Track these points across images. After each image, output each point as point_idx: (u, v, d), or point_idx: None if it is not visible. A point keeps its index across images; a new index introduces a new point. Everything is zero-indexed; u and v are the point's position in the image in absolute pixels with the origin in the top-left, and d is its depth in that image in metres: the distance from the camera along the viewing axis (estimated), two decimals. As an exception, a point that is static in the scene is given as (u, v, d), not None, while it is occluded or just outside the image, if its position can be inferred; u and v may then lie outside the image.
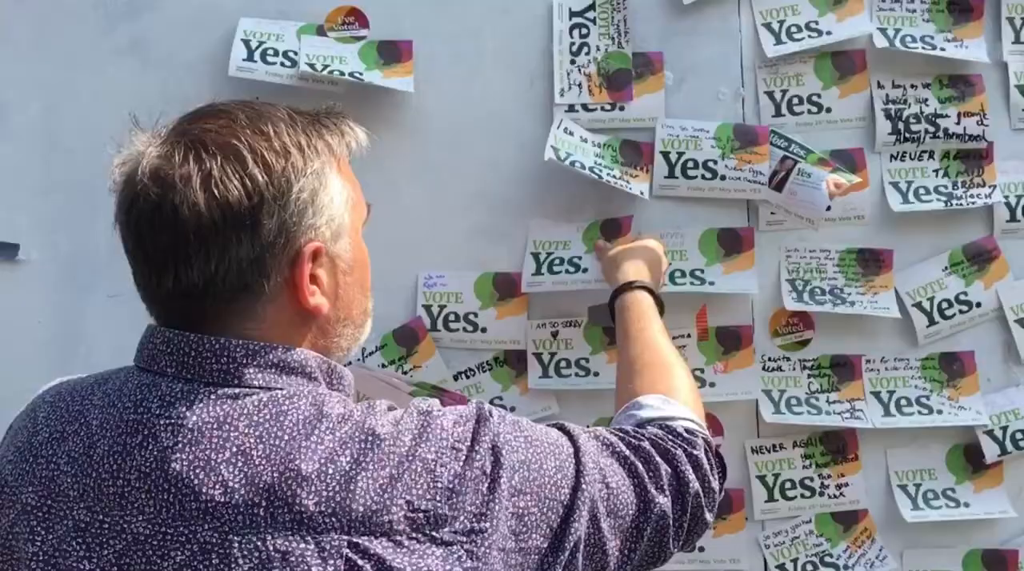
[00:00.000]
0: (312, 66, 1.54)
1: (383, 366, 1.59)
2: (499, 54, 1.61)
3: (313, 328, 0.97)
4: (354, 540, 0.84)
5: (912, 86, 1.61)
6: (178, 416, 0.89)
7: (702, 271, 1.60)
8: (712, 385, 1.60)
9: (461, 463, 0.90)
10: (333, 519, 0.85)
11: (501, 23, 1.61)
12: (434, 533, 0.87)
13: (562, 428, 1.02)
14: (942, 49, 1.60)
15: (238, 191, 0.89)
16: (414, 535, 0.86)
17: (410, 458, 0.88)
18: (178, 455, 0.87)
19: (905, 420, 1.60)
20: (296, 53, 1.56)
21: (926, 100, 1.61)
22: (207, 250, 0.89)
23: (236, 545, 0.84)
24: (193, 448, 0.87)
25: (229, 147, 0.90)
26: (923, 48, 1.60)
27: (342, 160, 1.00)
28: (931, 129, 1.61)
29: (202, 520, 0.86)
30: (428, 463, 0.88)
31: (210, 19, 1.59)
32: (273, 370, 0.92)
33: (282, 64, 1.56)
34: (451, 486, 0.88)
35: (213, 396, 0.90)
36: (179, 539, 0.86)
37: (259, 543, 0.84)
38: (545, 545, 0.92)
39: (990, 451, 1.61)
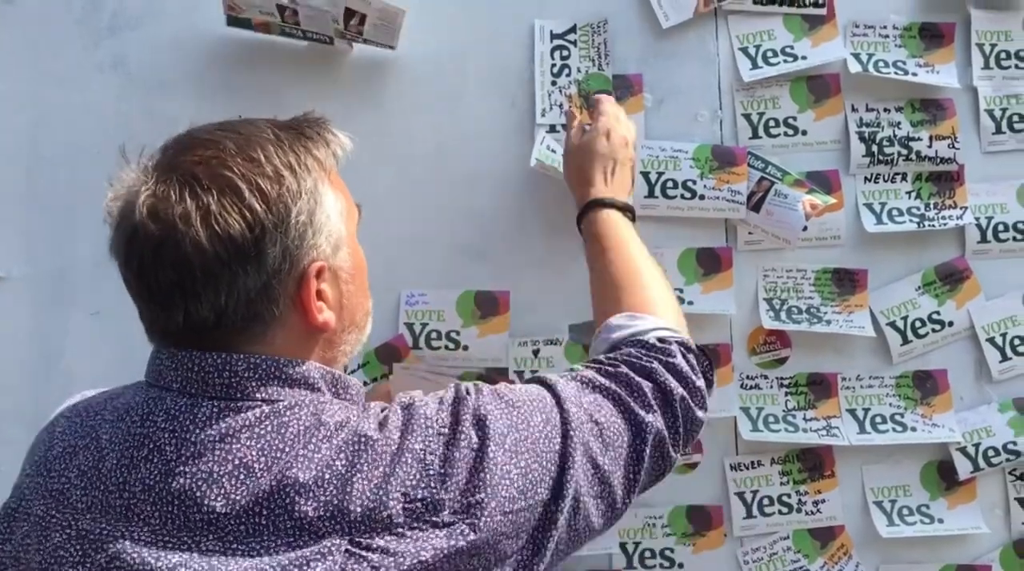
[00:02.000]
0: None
1: (366, 383, 1.60)
2: (481, 75, 1.63)
3: (320, 342, 0.99)
4: (356, 539, 0.87)
5: (885, 110, 1.65)
6: (182, 430, 0.90)
7: (681, 290, 1.62)
8: (691, 403, 1.61)
9: (448, 446, 0.92)
10: (332, 523, 0.87)
11: (484, 45, 1.63)
12: (434, 518, 0.89)
13: (541, 381, 1.04)
14: (914, 74, 1.64)
15: (239, 224, 0.89)
16: (415, 525, 0.88)
17: (400, 452, 0.91)
18: (182, 468, 0.89)
19: (880, 437, 1.62)
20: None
21: (899, 123, 1.65)
22: (215, 285, 0.90)
23: (238, 556, 0.86)
24: (196, 461, 0.89)
25: (223, 179, 0.90)
26: (896, 73, 1.63)
27: (331, 171, 1.01)
28: (904, 152, 1.65)
29: (206, 531, 0.87)
30: (417, 453, 0.91)
31: (192, 39, 1.60)
32: (275, 383, 0.93)
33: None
34: (442, 470, 0.91)
35: (216, 410, 0.91)
36: (181, 548, 0.87)
37: (260, 550, 0.86)
38: (548, 496, 0.95)
39: (963, 468, 1.63)
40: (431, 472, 0.91)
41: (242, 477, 0.88)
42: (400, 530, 0.88)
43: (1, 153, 1.60)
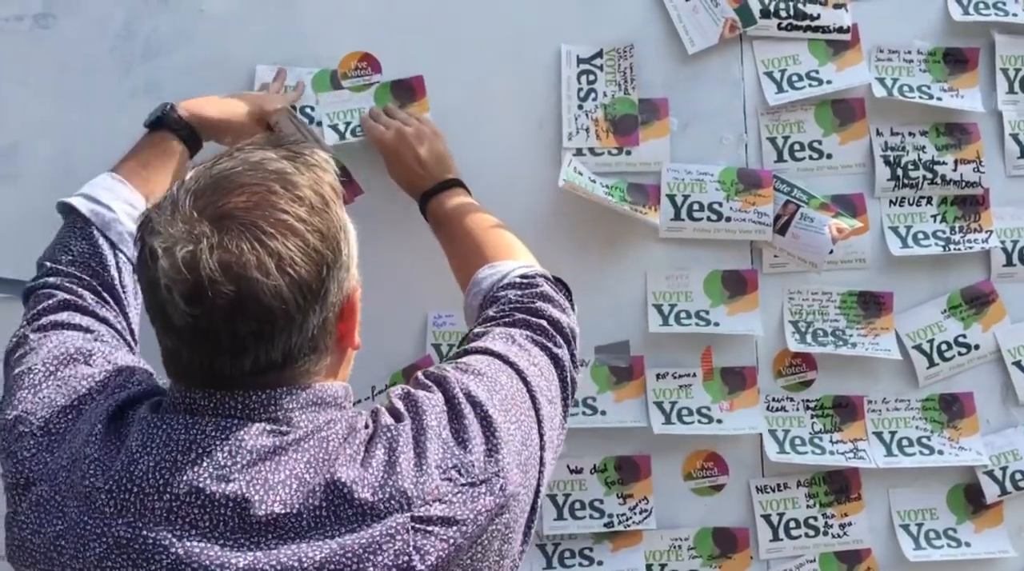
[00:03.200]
0: (335, 128, 1.58)
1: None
2: (508, 99, 1.64)
3: (344, 361, 1.02)
4: (416, 514, 0.91)
5: (910, 134, 1.66)
6: (235, 439, 0.92)
7: (707, 312, 1.63)
8: (719, 422, 1.62)
9: (452, 419, 0.99)
10: (392, 502, 0.91)
11: (511, 69, 1.64)
12: (470, 479, 0.95)
13: (476, 350, 1.10)
14: (939, 99, 1.65)
15: (309, 266, 0.91)
16: (457, 491, 0.94)
17: (420, 432, 0.96)
18: (236, 475, 0.90)
19: (907, 460, 1.63)
20: (313, 108, 1.59)
21: (924, 147, 1.66)
22: (290, 329, 0.91)
23: (304, 544, 0.89)
24: (250, 469, 0.91)
25: (282, 223, 0.90)
26: (920, 97, 1.64)
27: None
28: (929, 175, 1.66)
29: (264, 531, 0.89)
30: (434, 429, 0.97)
31: (223, 64, 1.62)
32: (314, 408, 0.96)
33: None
34: (457, 438, 0.97)
35: (267, 429, 0.93)
36: (241, 548, 0.89)
37: (328, 541, 0.89)
38: (538, 440, 1.04)
39: (990, 491, 1.63)
40: (449, 443, 0.97)
41: (295, 486, 0.91)
42: (447, 498, 0.93)
43: (34, 177, 1.61)
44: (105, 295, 1.17)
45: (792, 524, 1.63)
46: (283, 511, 0.90)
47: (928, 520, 1.65)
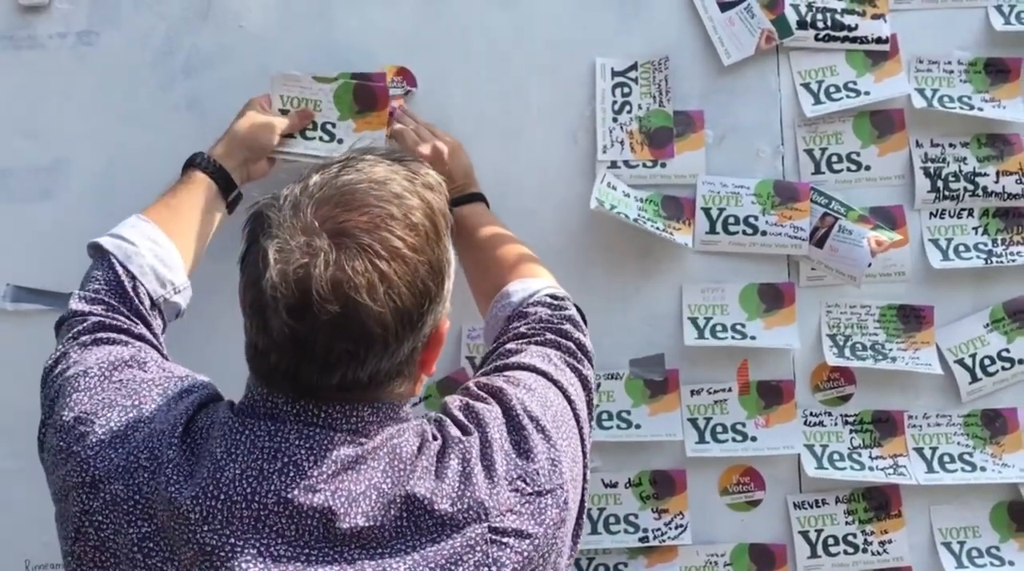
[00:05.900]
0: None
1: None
2: (543, 112, 1.65)
3: (418, 385, 1.04)
4: (493, 525, 0.94)
5: (951, 145, 1.64)
6: (320, 448, 0.94)
7: (743, 325, 1.61)
8: (754, 439, 1.60)
9: (512, 431, 1.01)
10: (470, 512, 0.94)
11: (546, 82, 1.65)
12: (537, 488, 0.98)
13: (520, 366, 1.11)
14: (980, 109, 1.62)
15: (413, 297, 0.92)
16: (525, 500, 0.97)
17: (486, 445, 0.99)
18: (322, 485, 0.92)
19: (949, 477, 1.60)
20: (334, 125, 1.58)
21: (965, 159, 1.63)
22: (381, 353, 0.93)
23: (388, 557, 0.91)
24: (334, 479, 0.93)
25: (396, 252, 0.92)
26: (961, 108, 1.62)
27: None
28: (970, 187, 1.63)
29: (348, 542, 0.91)
30: (498, 442, 1.00)
31: (263, 79, 1.62)
32: (390, 423, 0.98)
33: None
34: (519, 449, 1.00)
35: (348, 438, 0.95)
36: (324, 559, 0.91)
37: (412, 554, 0.91)
38: (582, 457, 1.07)
39: (1035, 509, 1.60)
40: (511, 455, 0.99)
41: (375, 496, 0.93)
42: (517, 508, 0.96)
43: (77, 192, 1.64)
44: (135, 318, 1.19)
45: (831, 541, 1.61)
46: (366, 524, 0.92)
47: (970, 538, 1.62)
